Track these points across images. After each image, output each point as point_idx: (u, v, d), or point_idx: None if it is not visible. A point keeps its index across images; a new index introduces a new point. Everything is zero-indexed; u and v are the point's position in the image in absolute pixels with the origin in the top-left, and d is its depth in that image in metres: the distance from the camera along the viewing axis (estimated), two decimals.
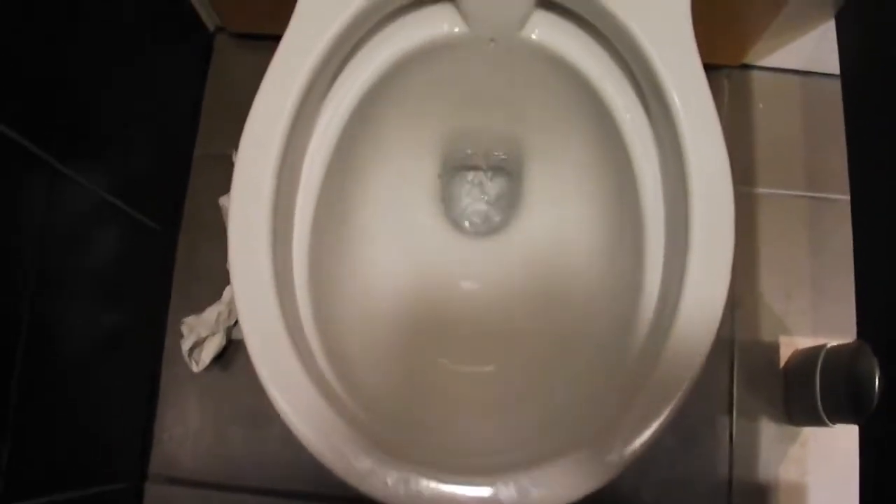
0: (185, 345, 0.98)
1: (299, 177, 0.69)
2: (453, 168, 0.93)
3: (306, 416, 0.58)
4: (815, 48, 1.09)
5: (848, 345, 0.95)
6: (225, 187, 1.02)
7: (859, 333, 0.91)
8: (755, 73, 1.17)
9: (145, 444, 1.02)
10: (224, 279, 1.02)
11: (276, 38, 0.77)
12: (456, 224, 0.91)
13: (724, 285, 0.59)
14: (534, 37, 0.71)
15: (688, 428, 1.06)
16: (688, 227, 0.60)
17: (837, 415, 0.96)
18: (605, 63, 0.71)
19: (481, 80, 0.79)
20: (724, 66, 1.16)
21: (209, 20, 1.14)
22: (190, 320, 0.99)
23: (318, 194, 0.69)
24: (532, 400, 0.74)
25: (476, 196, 0.95)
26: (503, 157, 0.92)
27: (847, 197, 1.04)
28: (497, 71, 0.77)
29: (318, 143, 0.70)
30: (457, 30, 0.71)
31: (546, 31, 0.71)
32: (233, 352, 1.03)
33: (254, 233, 0.60)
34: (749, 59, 1.15)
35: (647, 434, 0.56)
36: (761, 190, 1.13)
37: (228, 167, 1.02)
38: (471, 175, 0.95)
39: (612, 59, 0.70)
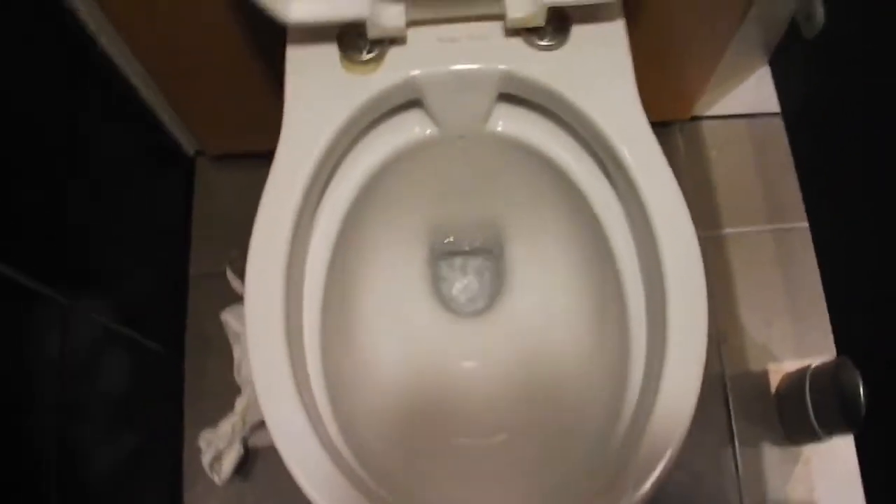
0: (206, 458, 1.00)
1: (303, 280, 0.74)
2: (440, 255, 0.99)
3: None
4: (756, 91, 1.17)
5: (831, 362, 1.00)
6: (223, 303, 1.08)
7: (839, 350, 0.97)
8: (705, 123, 1.25)
9: None
10: (234, 390, 1.05)
11: (252, 156, 0.83)
12: (448, 307, 0.96)
13: (702, 346, 0.65)
14: (498, 129, 0.78)
15: (694, 465, 1.10)
16: (665, 306, 0.66)
17: (832, 429, 1.01)
18: (564, 142, 0.77)
19: (456, 172, 0.85)
20: (675, 122, 1.24)
21: (189, 146, 1.19)
22: (207, 434, 1.02)
23: (323, 294, 0.74)
24: (535, 471, 0.79)
25: (462, 280, 1.00)
26: (485, 239, 0.98)
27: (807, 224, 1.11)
28: (470, 162, 0.83)
29: (317, 248, 0.75)
30: (428, 132, 0.77)
31: (509, 122, 0.77)
32: (251, 461, 1.06)
33: (270, 333, 0.65)
34: (697, 111, 1.23)
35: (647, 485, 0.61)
36: (728, 230, 1.20)
37: (224, 282, 1.08)
38: (457, 260, 1.00)
39: (571, 136, 0.77)
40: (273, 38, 0.74)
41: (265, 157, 0.71)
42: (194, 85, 0.99)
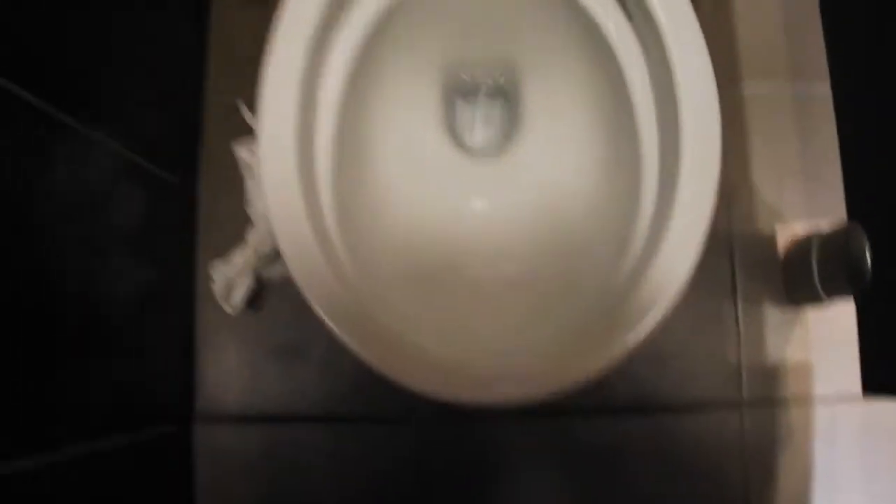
0: (217, 288, 1.03)
1: (315, 111, 0.74)
2: (455, 93, 0.98)
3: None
4: None
5: (840, 226, 1.00)
6: (236, 135, 1.07)
7: (850, 214, 0.97)
8: None
9: (189, 386, 1.08)
10: (246, 222, 1.07)
11: None
12: (461, 146, 0.96)
13: (711, 204, 0.66)
14: None
15: (696, 318, 1.12)
16: (678, 137, 0.66)
17: (835, 291, 1.02)
18: None
19: (474, 9, 0.84)
20: None
21: None
22: (219, 264, 1.04)
23: (335, 127, 0.75)
24: (538, 308, 0.80)
25: (478, 118, 0.99)
26: (501, 78, 0.96)
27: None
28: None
29: (330, 81, 0.75)
30: None
31: None
32: (263, 293, 1.08)
33: (283, 162, 0.67)
34: None
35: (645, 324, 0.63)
36: (747, 85, 1.17)
37: (237, 115, 1.08)
38: (472, 99, 0.99)
39: None
40: None
41: None
42: None
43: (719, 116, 0.67)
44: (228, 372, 1.08)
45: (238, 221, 1.08)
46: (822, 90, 1.15)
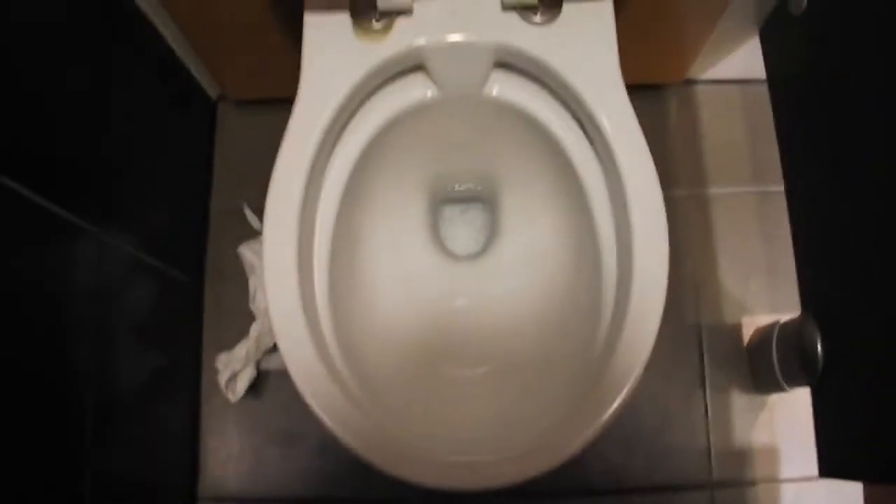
0: (222, 379, 1.10)
1: (315, 221, 0.83)
2: (440, 204, 1.08)
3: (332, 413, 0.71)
4: (750, 57, 1.20)
5: (796, 318, 1.07)
6: (241, 237, 1.17)
7: (803, 306, 1.04)
8: (699, 87, 1.31)
9: (193, 469, 1.15)
10: (248, 318, 1.15)
11: (273, 102, 0.90)
12: (445, 251, 1.05)
13: (662, 289, 0.74)
14: (494, 93, 0.85)
15: (666, 406, 1.20)
16: (630, 235, 0.75)
17: (793, 379, 1.09)
18: (553, 107, 0.85)
19: (455, 130, 0.94)
20: (670, 84, 1.29)
21: (211, 90, 1.26)
22: (224, 357, 1.12)
23: (332, 235, 0.83)
24: (521, 394, 0.89)
25: (460, 226, 1.09)
26: (481, 190, 1.07)
27: None
28: (468, 123, 0.92)
29: (328, 194, 0.84)
30: (430, 94, 0.85)
31: (504, 87, 0.85)
32: (262, 382, 1.16)
33: (284, 266, 0.75)
34: (692, 75, 1.28)
35: (613, 406, 0.71)
36: (714, 190, 1.27)
37: (242, 219, 1.18)
38: (456, 208, 1.10)
39: (559, 104, 0.85)
40: (296, 2, 0.82)
41: (282, 103, 0.80)
42: (219, 38, 1.06)
43: (663, 208, 0.76)
44: (231, 456, 1.15)
45: (241, 317, 1.16)
46: (782, 192, 1.23)
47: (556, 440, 0.71)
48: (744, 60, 1.24)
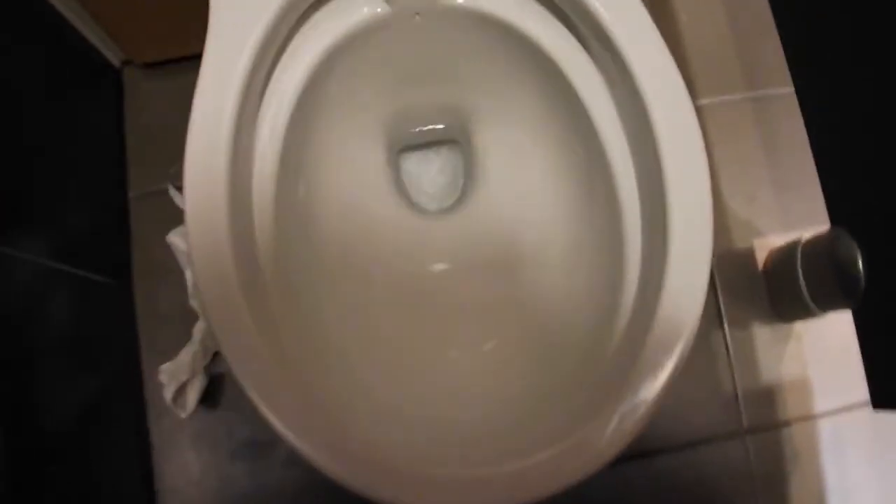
0: (168, 393, 0.94)
1: (250, 190, 0.65)
2: (401, 149, 0.90)
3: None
4: None
5: (824, 233, 0.95)
6: (170, 223, 0.99)
7: (833, 220, 0.92)
8: None
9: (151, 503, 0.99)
10: (191, 317, 0.99)
11: (185, 60, 0.72)
12: (414, 206, 0.89)
13: (709, 241, 0.59)
14: (456, 1, 0.68)
15: None
16: (661, 178, 0.59)
17: (827, 304, 0.97)
18: (535, 12, 0.69)
19: (415, 56, 0.77)
20: None
21: (113, 56, 1.09)
22: (167, 367, 0.95)
23: (274, 202, 0.66)
24: (528, 377, 0.73)
25: (429, 174, 0.92)
26: (448, 128, 0.90)
27: (789, 89, 1.04)
28: (428, 44, 0.75)
29: (263, 152, 0.66)
30: (378, 10, 0.68)
31: None
32: (216, 389, 1.00)
33: (217, 259, 0.57)
34: None
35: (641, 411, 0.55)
36: (704, 100, 1.13)
37: (167, 202, 1.00)
38: (419, 154, 0.92)
39: (542, 5, 0.68)
40: None
41: (199, 60, 0.61)
42: None
43: (700, 135, 0.60)
44: (192, 482, 0.99)
45: (181, 317, 1.00)
46: (780, 94, 1.11)
47: (589, 437, 0.55)
48: None
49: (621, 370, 0.58)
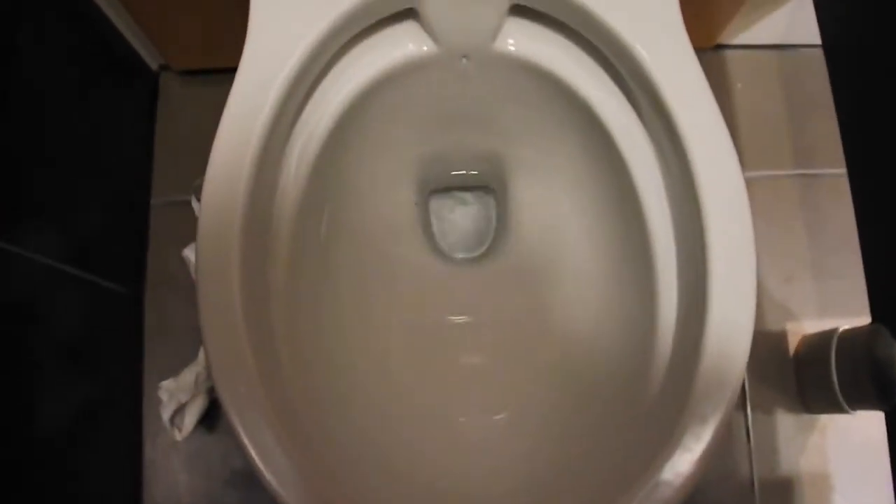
0: (166, 413, 0.91)
1: (270, 220, 0.62)
2: (432, 192, 0.87)
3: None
4: (790, 19, 1.05)
5: (863, 328, 0.91)
6: (188, 237, 0.96)
7: (874, 316, 0.87)
8: (729, 53, 1.14)
9: None
10: (197, 335, 0.94)
11: (224, 72, 0.70)
12: (440, 252, 0.85)
13: (751, 308, 0.55)
14: (509, 48, 0.66)
15: None
16: (703, 246, 0.55)
17: (859, 402, 0.93)
18: (588, 67, 0.66)
19: (456, 99, 0.74)
20: (697, 49, 1.10)
21: (152, 60, 1.08)
22: (168, 385, 0.92)
23: (293, 236, 0.63)
24: (546, 449, 0.69)
25: (459, 220, 0.89)
26: (486, 175, 0.86)
27: (840, 170, 1.01)
28: (473, 88, 0.72)
29: (288, 183, 0.64)
30: (425, 48, 0.65)
31: (522, 40, 0.65)
32: (216, 413, 0.96)
33: (225, 287, 0.55)
34: (723, 39, 1.11)
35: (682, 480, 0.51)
36: (750, 173, 1.08)
37: (190, 213, 0.97)
38: (452, 199, 0.89)
39: (596, 61, 0.65)
40: None
41: (234, 73, 0.59)
42: None
43: (749, 214, 0.57)
44: None
45: (189, 334, 0.97)
46: (830, 174, 1.07)
47: None
48: (782, 22, 1.08)
49: (653, 439, 0.54)
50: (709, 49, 1.12)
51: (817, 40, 0.94)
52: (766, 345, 1.05)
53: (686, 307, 0.60)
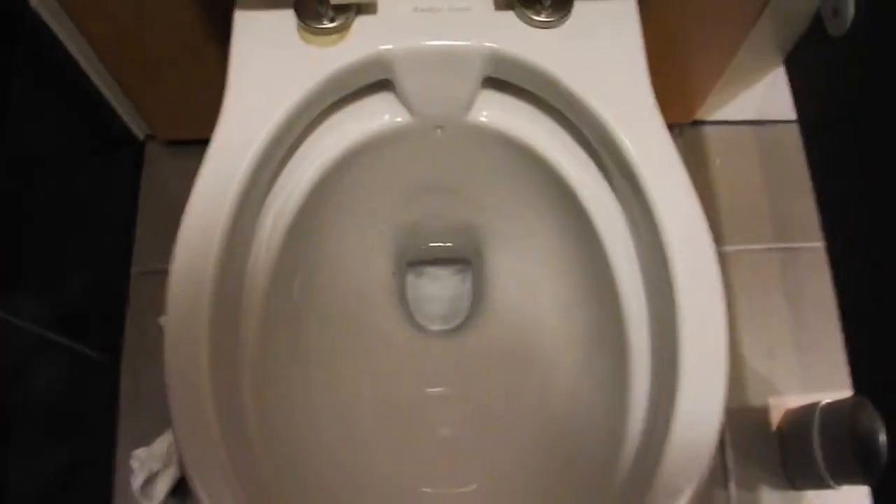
0: (136, 482, 0.89)
1: (241, 291, 0.62)
2: (409, 264, 0.87)
3: None
4: (766, 96, 1.07)
5: (845, 401, 0.90)
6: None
7: (856, 388, 0.87)
8: (708, 129, 1.16)
9: None
10: None
11: (208, 142, 0.71)
12: (415, 323, 0.85)
13: (722, 392, 0.55)
14: (482, 119, 0.67)
15: None
16: (674, 322, 0.55)
17: (843, 477, 0.91)
18: (559, 138, 0.67)
19: (431, 169, 0.75)
20: (675, 125, 1.13)
21: (138, 130, 1.09)
22: (140, 453, 0.91)
23: (265, 308, 0.63)
24: None
25: (435, 292, 0.89)
26: (460, 247, 0.87)
27: (818, 244, 1.01)
28: (448, 159, 0.73)
29: (261, 252, 0.64)
30: (399, 120, 0.67)
31: (495, 112, 0.67)
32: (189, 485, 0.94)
33: (193, 363, 0.54)
34: (701, 115, 1.13)
35: None
36: (729, 248, 1.10)
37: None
38: (428, 271, 0.89)
39: (569, 133, 0.66)
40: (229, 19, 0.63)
41: None
42: (145, 66, 0.89)
43: (721, 285, 0.56)
44: None
45: (164, 402, 0.94)
46: (809, 248, 1.08)
47: None
48: (759, 99, 1.10)
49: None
50: (687, 125, 1.14)
51: (793, 116, 0.96)
52: (750, 420, 1.03)
53: (658, 383, 0.60)
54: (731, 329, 1.00)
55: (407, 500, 0.71)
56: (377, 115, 0.67)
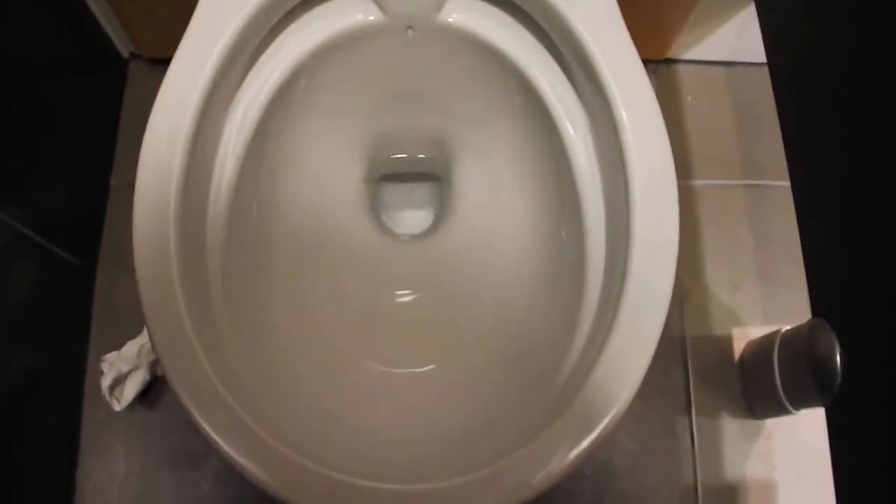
0: (105, 382, 0.91)
1: (208, 192, 0.63)
2: (379, 171, 0.89)
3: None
4: (738, 37, 1.09)
5: (804, 324, 0.92)
6: None
7: (814, 311, 0.88)
8: (681, 67, 1.17)
9: (67, 496, 0.93)
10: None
11: None
12: (385, 229, 0.87)
13: (668, 290, 0.56)
14: (452, 20, 0.67)
15: (646, 432, 1.01)
16: (629, 225, 0.57)
17: (800, 400, 0.93)
18: (529, 43, 0.67)
19: (401, 72, 0.76)
20: (648, 61, 1.15)
21: (123, 47, 1.10)
22: (110, 357, 0.93)
23: (231, 206, 0.64)
24: (465, 405, 0.69)
25: (405, 198, 0.91)
26: (431, 156, 0.88)
27: (785, 183, 1.03)
28: (417, 60, 0.74)
29: (228, 151, 0.64)
30: (371, 18, 0.67)
31: (465, 13, 0.67)
32: (159, 390, 0.96)
33: (161, 261, 0.56)
34: (673, 53, 1.15)
35: (572, 454, 0.52)
36: (698, 182, 1.12)
37: None
38: (398, 176, 0.91)
39: (537, 38, 0.67)
40: None
41: None
42: None
43: (676, 199, 0.58)
44: (114, 479, 0.94)
45: (138, 310, 0.95)
46: (775, 188, 1.10)
47: (511, 470, 0.51)
48: (730, 40, 1.12)
49: (562, 409, 0.54)
50: (660, 62, 1.16)
51: (765, 59, 0.98)
52: (712, 350, 1.05)
53: (608, 282, 0.61)
54: (697, 260, 1.04)
55: (369, 378, 0.72)
56: (349, 13, 0.67)
